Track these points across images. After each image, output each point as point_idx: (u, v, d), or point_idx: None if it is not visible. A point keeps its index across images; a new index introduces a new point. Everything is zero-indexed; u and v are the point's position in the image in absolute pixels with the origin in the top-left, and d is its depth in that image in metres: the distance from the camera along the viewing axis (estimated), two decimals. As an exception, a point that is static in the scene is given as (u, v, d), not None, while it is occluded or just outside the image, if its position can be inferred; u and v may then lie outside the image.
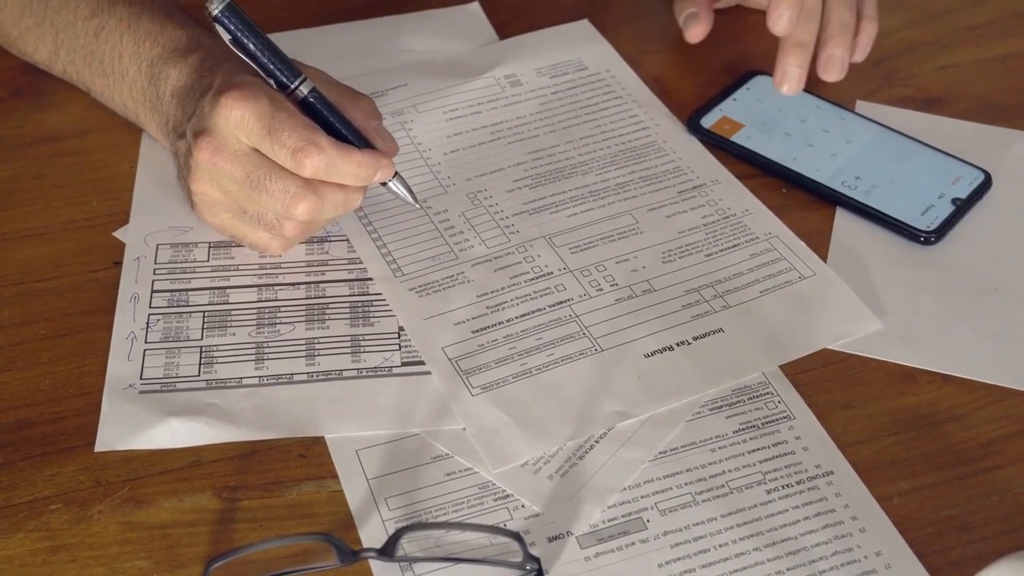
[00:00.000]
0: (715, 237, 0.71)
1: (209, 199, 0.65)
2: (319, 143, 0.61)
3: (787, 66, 0.77)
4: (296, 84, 0.64)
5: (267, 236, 0.66)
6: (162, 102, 0.68)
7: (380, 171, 0.64)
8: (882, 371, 0.64)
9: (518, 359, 0.63)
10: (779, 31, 0.75)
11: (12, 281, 0.67)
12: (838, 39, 0.77)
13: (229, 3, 0.62)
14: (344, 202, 0.64)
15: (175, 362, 0.63)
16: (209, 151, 0.62)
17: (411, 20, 0.87)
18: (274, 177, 0.62)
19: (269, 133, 0.61)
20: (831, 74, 0.78)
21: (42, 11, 0.73)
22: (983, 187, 0.74)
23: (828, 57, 0.77)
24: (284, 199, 0.62)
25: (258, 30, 0.63)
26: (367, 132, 0.65)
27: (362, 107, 0.66)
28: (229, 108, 0.61)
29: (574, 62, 0.83)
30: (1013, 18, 0.89)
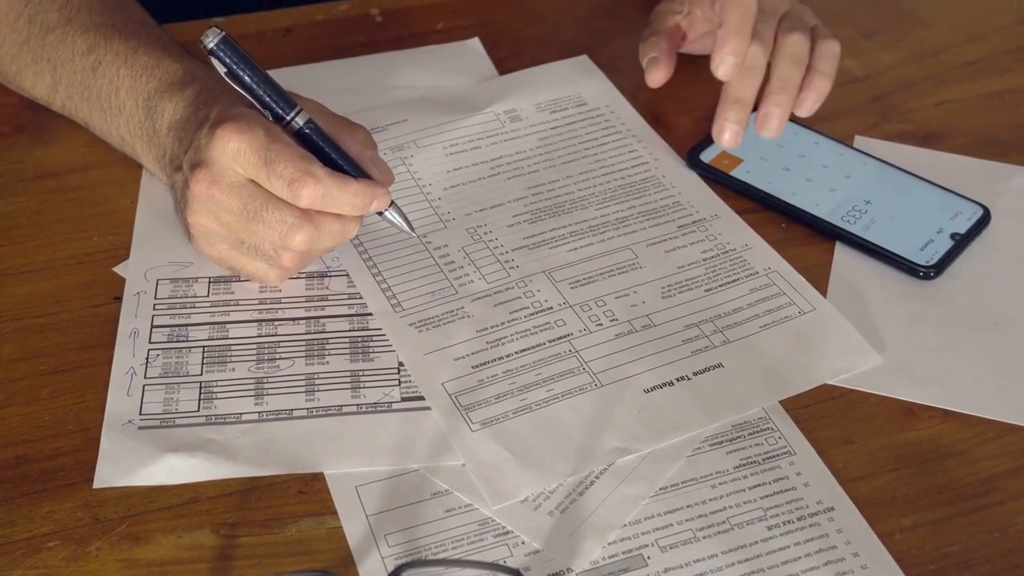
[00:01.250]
0: (715, 272, 0.71)
1: (206, 231, 0.65)
2: (315, 173, 0.62)
3: (723, 120, 0.75)
4: (292, 116, 0.64)
5: (265, 267, 0.66)
6: (159, 135, 0.69)
7: (376, 200, 0.64)
8: (882, 406, 0.64)
9: (518, 394, 0.63)
10: (721, 75, 0.74)
11: (12, 316, 0.67)
12: (777, 97, 0.75)
13: (224, 36, 0.63)
14: (341, 232, 0.64)
15: (174, 397, 0.63)
16: (206, 183, 0.63)
17: (411, 56, 0.87)
18: (271, 208, 0.62)
19: (265, 164, 0.61)
20: (767, 131, 0.75)
21: (39, 47, 0.74)
22: (982, 222, 0.74)
23: (765, 115, 0.75)
24: (281, 229, 0.63)
25: (253, 62, 0.64)
26: (363, 162, 0.66)
27: (357, 137, 0.67)
28: (225, 140, 0.61)
29: (573, 97, 0.84)
30: (1009, 54, 0.90)
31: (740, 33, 0.73)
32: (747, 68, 0.74)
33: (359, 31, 0.90)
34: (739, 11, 0.73)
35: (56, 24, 0.74)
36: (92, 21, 0.73)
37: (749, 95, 0.75)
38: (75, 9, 0.74)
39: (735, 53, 0.73)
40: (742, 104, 0.75)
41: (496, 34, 0.90)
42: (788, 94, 0.75)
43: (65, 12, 0.74)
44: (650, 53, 0.81)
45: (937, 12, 0.95)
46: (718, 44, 0.73)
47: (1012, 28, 0.93)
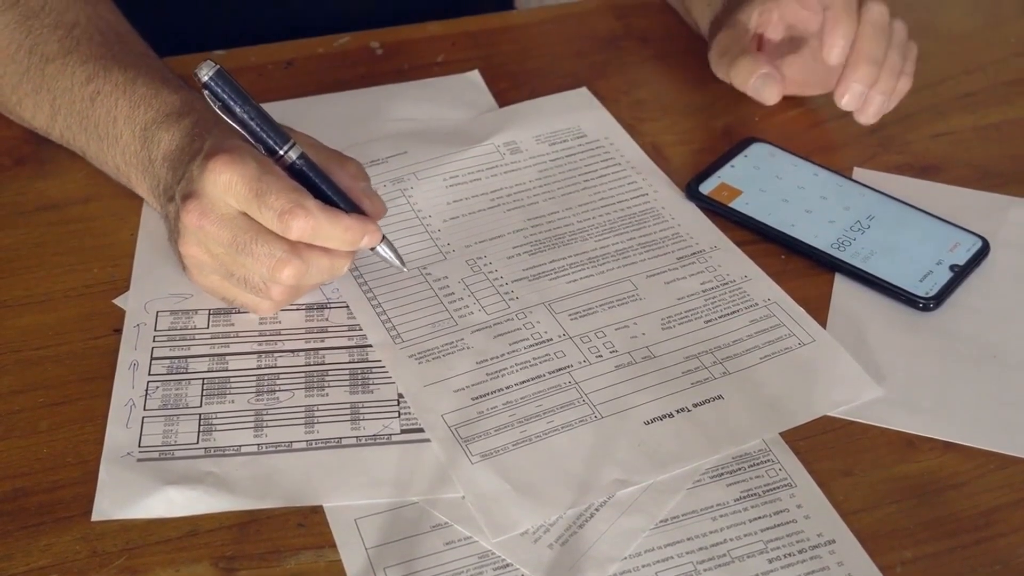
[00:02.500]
0: (714, 303, 0.71)
1: (198, 261, 0.65)
2: (306, 206, 0.62)
3: (852, 81, 0.76)
4: (284, 150, 0.64)
5: (255, 299, 0.66)
6: (154, 165, 0.69)
7: (367, 236, 0.64)
8: (883, 438, 0.64)
9: (518, 426, 0.63)
10: (833, 61, 0.76)
11: (12, 348, 0.67)
12: (882, 84, 0.77)
13: (219, 69, 0.63)
14: (330, 268, 0.64)
15: (174, 430, 0.63)
16: (196, 214, 0.63)
17: (411, 88, 0.88)
18: (260, 241, 0.62)
19: (256, 196, 0.61)
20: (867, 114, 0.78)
21: (39, 77, 0.74)
22: (981, 253, 0.74)
23: (868, 98, 0.77)
24: (269, 263, 0.63)
25: (247, 96, 0.64)
26: (354, 194, 0.66)
27: (349, 170, 0.67)
28: (217, 172, 0.62)
29: (573, 129, 0.84)
30: (1006, 86, 0.90)
31: (849, 15, 0.75)
32: (878, 27, 0.75)
33: (359, 64, 0.90)
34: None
35: (56, 55, 0.74)
36: (92, 52, 0.74)
37: (882, 57, 0.76)
38: (75, 40, 0.74)
39: (849, 33, 0.75)
40: (876, 66, 0.76)
41: (496, 66, 0.90)
42: (891, 81, 0.77)
43: (65, 43, 0.74)
44: (756, 71, 0.79)
45: (935, 44, 0.95)
46: (828, 27, 0.76)
47: (1009, 60, 0.94)
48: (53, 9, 0.76)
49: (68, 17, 0.76)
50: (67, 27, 0.75)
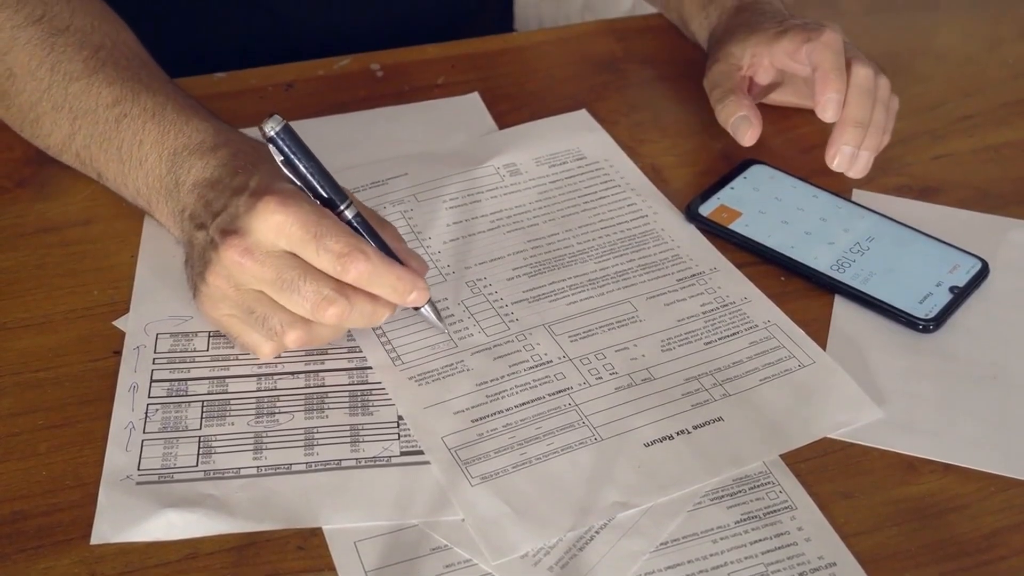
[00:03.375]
0: (714, 325, 0.71)
1: (220, 293, 0.65)
2: (365, 251, 0.62)
3: (841, 144, 0.78)
4: (343, 207, 0.65)
5: (261, 339, 0.66)
6: (180, 190, 0.69)
7: (416, 292, 0.65)
8: (883, 460, 0.64)
9: (518, 448, 0.63)
10: (829, 117, 0.78)
11: (11, 371, 0.67)
12: (869, 140, 0.79)
13: (285, 125, 0.64)
14: (371, 315, 0.64)
15: (173, 452, 0.62)
16: (239, 250, 0.62)
17: (411, 110, 0.88)
18: (308, 279, 0.63)
19: (315, 238, 0.62)
20: (855, 169, 0.79)
21: (62, 96, 0.74)
22: (981, 275, 0.74)
23: (855, 155, 0.79)
24: (315, 300, 0.63)
25: (309, 151, 0.65)
26: (401, 254, 0.66)
27: (388, 232, 0.68)
28: (270, 212, 0.62)
29: (573, 151, 0.84)
30: (1004, 108, 0.91)
31: (838, 72, 0.78)
32: (863, 90, 0.78)
33: (360, 86, 0.90)
34: (831, 52, 0.79)
35: (81, 74, 0.74)
36: (118, 75, 0.74)
37: (867, 119, 0.78)
38: (101, 62, 0.74)
39: (838, 91, 0.77)
40: (862, 128, 0.78)
41: (496, 89, 0.90)
42: (878, 138, 0.79)
43: (91, 64, 0.74)
44: (737, 112, 0.81)
45: (933, 67, 0.96)
46: (819, 86, 0.78)
47: (1007, 83, 0.94)
48: (79, 29, 0.76)
49: (94, 39, 0.76)
50: (93, 48, 0.75)
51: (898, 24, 1.02)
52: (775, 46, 0.82)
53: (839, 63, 0.78)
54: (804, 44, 0.80)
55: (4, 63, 0.76)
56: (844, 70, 0.78)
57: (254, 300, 0.65)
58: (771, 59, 0.83)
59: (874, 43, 0.95)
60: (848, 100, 0.78)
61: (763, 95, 0.86)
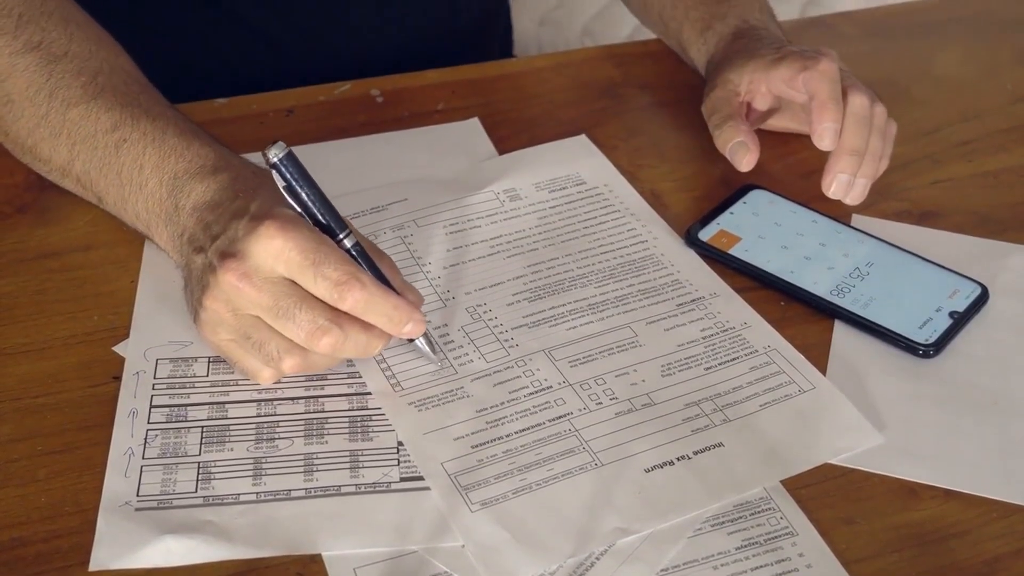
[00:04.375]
0: (714, 350, 0.71)
1: (218, 317, 0.65)
2: (362, 279, 0.63)
3: (837, 172, 0.79)
4: (342, 236, 0.65)
5: (259, 365, 0.66)
6: (180, 214, 0.69)
7: (412, 322, 0.64)
8: (884, 486, 0.64)
9: (518, 474, 0.63)
10: (826, 145, 0.78)
11: (11, 396, 0.67)
12: (865, 168, 0.79)
13: (288, 152, 0.64)
14: (365, 345, 0.64)
15: (172, 478, 0.62)
16: (237, 274, 0.63)
17: (411, 136, 0.88)
18: (304, 307, 0.63)
19: (313, 265, 0.62)
20: (851, 197, 0.79)
21: (60, 122, 0.75)
22: (980, 300, 0.74)
23: (853, 183, 0.79)
24: (310, 329, 0.63)
25: (311, 178, 0.65)
26: (395, 286, 0.67)
27: (385, 263, 0.68)
28: (269, 236, 0.62)
29: (572, 176, 0.84)
30: (1002, 134, 0.91)
31: (835, 101, 0.78)
32: (859, 119, 0.79)
33: (360, 111, 0.91)
34: (827, 81, 0.79)
35: (79, 100, 0.74)
36: (117, 100, 0.74)
37: (864, 147, 0.79)
38: (100, 87, 0.75)
39: (835, 120, 0.78)
40: (858, 156, 0.79)
41: (495, 114, 0.91)
42: (874, 166, 0.79)
43: (89, 89, 0.75)
44: (734, 138, 0.82)
45: (932, 92, 0.96)
46: (815, 115, 0.78)
47: (1005, 108, 0.94)
48: (77, 55, 0.76)
49: (92, 64, 0.76)
50: (91, 74, 0.75)
51: (896, 49, 1.02)
52: (772, 73, 0.83)
53: (835, 92, 0.79)
54: (801, 72, 0.80)
55: (3, 89, 0.76)
56: (840, 99, 0.78)
57: (251, 325, 0.65)
58: (768, 86, 0.84)
59: (872, 68, 0.95)
60: (844, 129, 0.78)
61: (761, 121, 0.87)
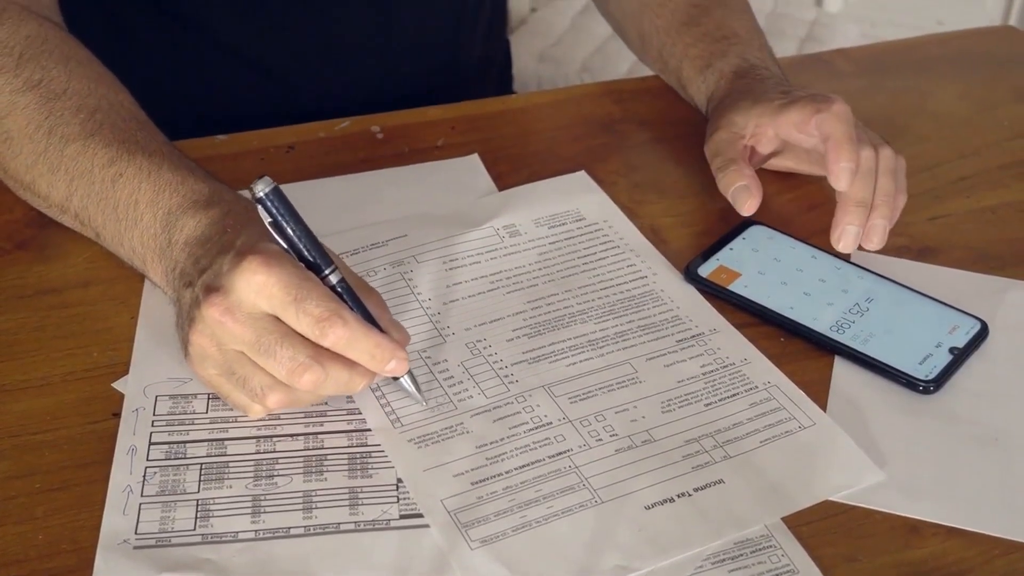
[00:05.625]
0: (714, 386, 0.71)
1: (204, 353, 0.65)
2: (344, 316, 0.62)
3: (846, 224, 0.79)
4: (327, 272, 0.65)
5: (247, 401, 0.66)
6: (173, 248, 0.69)
7: (396, 360, 0.64)
8: (886, 523, 0.63)
9: (518, 511, 0.63)
10: (843, 186, 0.78)
11: (10, 433, 0.67)
12: (881, 209, 0.79)
13: (275, 187, 0.64)
14: (347, 382, 0.64)
15: (171, 516, 0.62)
16: (220, 309, 0.63)
17: (411, 172, 0.88)
18: (285, 344, 0.62)
19: (295, 301, 0.62)
20: (872, 242, 0.80)
21: (57, 158, 0.75)
22: (980, 336, 0.74)
23: (872, 227, 0.79)
24: (291, 367, 0.63)
25: (298, 215, 0.65)
26: (383, 323, 0.66)
27: (373, 300, 0.67)
28: (252, 271, 0.62)
29: (572, 212, 0.84)
30: (1000, 170, 0.91)
31: (851, 142, 0.79)
32: (865, 171, 0.79)
33: (360, 147, 0.91)
34: (842, 123, 0.79)
35: (77, 136, 0.75)
36: (115, 136, 0.74)
37: (870, 198, 0.79)
38: (98, 124, 0.75)
39: (852, 161, 0.78)
40: (865, 208, 0.79)
41: (495, 150, 0.91)
42: (890, 206, 0.80)
43: (88, 126, 0.75)
44: (737, 182, 0.82)
45: (930, 129, 0.96)
46: (832, 156, 0.79)
47: (1002, 144, 0.95)
48: (76, 92, 0.77)
49: (91, 101, 0.76)
50: (89, 111, 0.76)
51: (894, 86, 1.03)
52: (781, 117, 0.83)
53: (850, 133, 0.79)
54: (814, 115, 0.80)
55: (2, 126, 0.77)
56: (855, 141, 0.79)
57: (235, 361, 0.64)
58: (776, 130, 0.84)
59: (870, 105, 0.96)
60: (856, 177, 0.79)
61: (763, 162, 0.87)
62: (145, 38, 0.99)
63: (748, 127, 0.84)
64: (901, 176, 0.82)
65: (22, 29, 0.79)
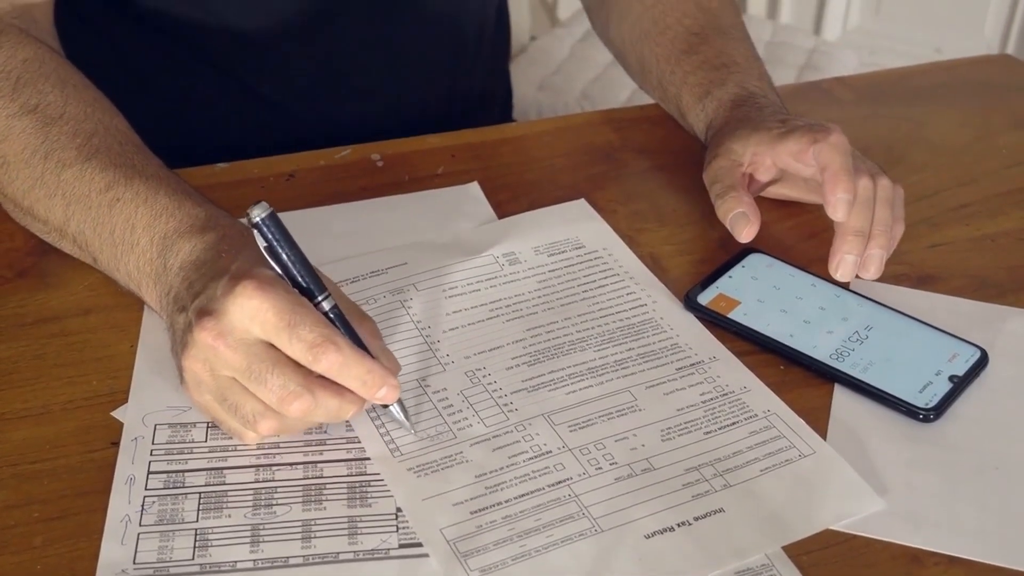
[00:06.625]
0: (714, 415, 0.71)
1: (198, 378, 0.65)
2: (338, 342, 0.62)
3: (844, 253, 0.79)
4: (320, 299, 0.65)
5: (240, 427, 0.66)
6: (168, 273, 0.70)
7: (387, 387, 0.64)
8: (887, 552, 0.63)
9: (517, 540, 0.62)
10: (840, 216, 0.78)
11: (9, 462, 0.66)
12: (879, 239, 0.80)
13: (271, 212, 0.64)
14: (337, 410, 0.64)
15: (169, 545, 0.62)
16: (212, 334, 0.63)
17: (411, 200, 0.89)
18: (276, 371, 0.63)
19: (289, 327, 0.62)
20: (869, 272, 0.80)
21: (55, 183, 0.75)
22: (980, 364, 0.74)
23: (868, 256, 0.80)
24: (281, 394, 0.63)
25: (293, 240, 0.65)
26: (374, 350, 0.66)
27: (367, 327, 0.68)
28: (246, 296, 0.62)
29: (572, 240, 0.85)
30: (999, 197, 0.91)
31: (848, 173, 0.79)
32: (863, 201, 0.79)
33: (360, 176, 0.91)
34: (839, 153, 0.79)
35: (74, 161, 0.75)
36: (111, 161, 0.75)
37: (867, 227, 0.80)
38: (95, 148, 0.75)
39: (849, 191, 0.78)
40: (863, 237, 0.79)
41: (495, 178, 0.91)
42: (887, 236, 0.80)
43: (84, 151, 0.75)
44: (735, 209, 0.82)
45: (928, 157, 0.97)
46: (829, 187, 0.79)
47: (1001, 172, 0.95)
48: (72, 117, 0.77)
49: (87, 126, 0.77)
50: (86, 135, 0.76)
51: (892, 114, 1.03)
52: (778, 146, 0.83)
53: (847, 164, 0.79)
54: (811, 145, 0.81)
55: None
56: (852, 171, 0.79)
57: (227, 387, 0.65)
58: (773, 158, 0.84)
59: (868, 133, 0.96)
60: (854, 206, 0.79)
61: (761, 190, 0.87)
62: (147, 67, 0.99)
63: (746, 155, 0.85)
64: (899, 205, 0.82)
65: (19, 53, 0.80)
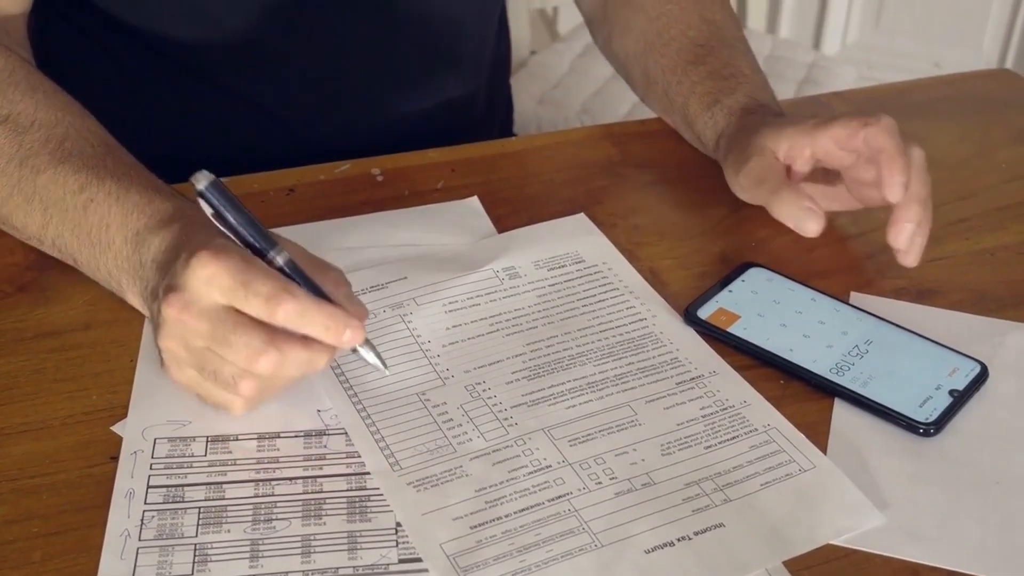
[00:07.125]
0: (714, 429, 0.71)
1: (175, 355, 0.66)
2: (293, 292, 0.63)
3: (904, 221, 0.80)
4: (272, 254, 0.66)
5: (227, 396, 0.66)
6: (144, 268, 0.71)
7: (350, 330, 0.65)
8: (887, 567, 0.63)
9: (517, 555, 0.62)
10: (896, 198, 0.79)
11: (8, 477, 0.66)
12: (924, 227, 0.80)
13: (214, 180, 0.66)
14: (308, 361, 0.65)
15: (168, 561, 0.62)
16: (177, 307, 0.64)
17: (410, 215, 0.89)
18: (239, 331, 0.63)
19: (243, 285, 0.63)
20: (909, 258, 0.81)
21: (31, 188, 0.77)
22: (980, 378, 0.74)
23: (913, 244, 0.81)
24: (246, 353, 0.63)
25: (238, 204, 0.66)
26: (336, 299, 0.67)
27: (331, 276, 0.68)
28: (201, 265, 0.63)
29: (571, 255, 0.85)
30: (999, 212, 0.92)
31: (903, 154, 0.79)
32: (922, 169, 0.80)
33: (360, 190, 0.91)
34: (893, 135, 0.80)
35: (47, 166, 0.77)
36: (84, 163, 0.76)
37: (928, 195, 0.81)
38: (67, 152, 0.77)
39: (905, 174, 0.79)
40: (923, 205, 0.80)
41: (495, 192, 0.91)
42: (929, 222, 0.81)
43: (57, 155, 0.77)
44: (800, 203, 0.82)
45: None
46: (887, 170, 0.79)
47: (1000, 186, 0.95)
48: (43, 124, 0.78)
49: (58, 131, 0.78)
50: (58, 140, 0.78)
51: (892, 129, 1.03)
52: (819, 134, 0.82)
53: (901, 146, 0.79)
54: (862, 129, 0.80)
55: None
56: (905, 153, 0.79)
57: (203, 356, 0.65)
58: (813, 148, 0.83)
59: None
60: (910, 179, 0.79)
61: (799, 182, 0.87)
62: (147, 82, 1.00)
63: (781, 149, 0.84)
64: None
65: None
